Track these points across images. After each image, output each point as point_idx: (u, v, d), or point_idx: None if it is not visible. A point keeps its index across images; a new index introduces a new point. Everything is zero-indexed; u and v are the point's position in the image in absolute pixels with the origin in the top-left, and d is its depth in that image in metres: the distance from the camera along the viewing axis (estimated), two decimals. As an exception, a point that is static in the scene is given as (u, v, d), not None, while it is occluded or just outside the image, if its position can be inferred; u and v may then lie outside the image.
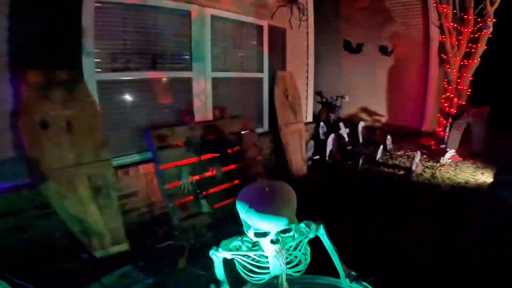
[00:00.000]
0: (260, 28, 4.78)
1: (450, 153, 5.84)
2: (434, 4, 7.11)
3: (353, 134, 6.51)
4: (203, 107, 3.91)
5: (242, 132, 3.98)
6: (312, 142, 5.42)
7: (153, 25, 3.51)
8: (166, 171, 3.15)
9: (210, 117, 3.98)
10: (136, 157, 3.29)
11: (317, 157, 5.57)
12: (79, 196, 2.59)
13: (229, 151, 3.71)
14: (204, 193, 3.31)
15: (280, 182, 1.30)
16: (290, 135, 4.81)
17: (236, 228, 1.45)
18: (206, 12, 3.89)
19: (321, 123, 6.20)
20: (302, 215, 1.36)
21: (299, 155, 4.90)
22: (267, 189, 1.24)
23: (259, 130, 4.68)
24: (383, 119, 8.64)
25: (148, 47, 3.46)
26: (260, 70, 4.81)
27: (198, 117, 3.82)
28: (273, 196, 1.23)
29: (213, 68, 4.02)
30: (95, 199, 2.67)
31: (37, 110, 2.46)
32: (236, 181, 3.72)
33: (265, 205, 1.19)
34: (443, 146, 6.28)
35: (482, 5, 6.81)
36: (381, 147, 5.84)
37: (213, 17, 4.00)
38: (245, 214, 1.21)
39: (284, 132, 4.69)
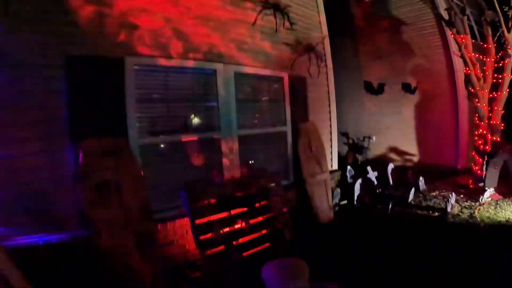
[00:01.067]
0: (280, 79, 5.09)
1: (489, 191, 5.70)
2: (452, 35, 6.94)
3: (382, 176, 6.52)
4: (231, 164, 4.28)
5: (269, 186, 4.27)
6: (338, 190, 5.53)
7: (184, 87, 4.03)
8: (199, 225, 3.49)
9: (238, 174, 4.32)
10: (173, 212, 3.68)
11: (345, 202, 5.66)
12: (126, 246, 2.99)
13: (257, 205, 4.02)
14: (234, 243, 3.62)
15: (295, 259, 1.68)
16: (316, 185, 4.97)
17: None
18: (229, 70, 4.33)
19: (348, 167, 6.29)
20: (326, 264, 1.67)
21: (325, 203, 5.04)
22: (284, 265, 1.65)
23: (285, 182, 4.87)
24: (415, 158, 8.47)
25: (180, 109, 3.98)
26: (283, 123, 5.09)
27: (227, 174, 4.19)
28: (289, 271, 1.62)
29: (239, 126, 4.40)
30: (139, 248, 3.05)
31: (92, 174, 2.93)
32: (264, 231, 3.98)
33: (282, 278, 1.59)
34: (481, 184, 6.12)
35: (499, 32, 6.66)
36: (413, 188, 5.83)
37: (236, 74, 4.41)
38: (267, 283, 1.61)
39: (309, 183, 4.88)
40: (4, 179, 2.79)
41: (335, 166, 6.06)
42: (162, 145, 3.80)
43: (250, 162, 4.56)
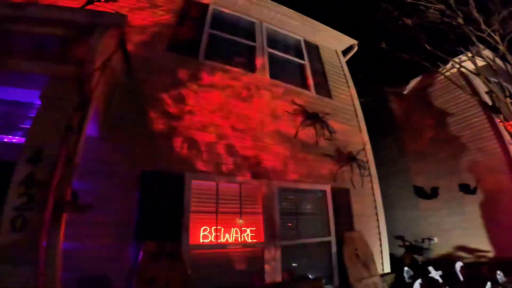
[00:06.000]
0: (323, 192, 5.25)
1: None
2: (500, 123, 6.51)
3: (449, 274, 5.78)
4: (273, 270, 4.37)
5: None
6: (391, 292, 4.98)
7: (232, 200, 4.51)
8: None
9: (279, 279, 4.36)
10: None
11: (402, 301, 5.00)
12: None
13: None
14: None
15: None
16: (364, 288, 4.64)
17: None
18: (273, 185, 4.73)
19: (406, 268, 5.80)
20: None
21: (376, 306, 4.57)
22: None
23: (329, 287, 4.71)
24: (489, 254, 7.34)
25: (228, 220, 4.36)
26: (327, 233, 5.07)
27: (268, 279, 4.27)
28: None
29: (282, 237, 4.58)
30: None
31: (147, 270, 3.43)
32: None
33: None
34: None
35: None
36: (489, 282, 5.09)
37: (279, 189, 4.78)
38: None
39: (356, 286, 4.67)
40: (75, 264, 3.18)
41: (387, 269, 5.63)
42: (209, 249, 4.15)
43: (293, 268, 4.60)
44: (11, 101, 3.53)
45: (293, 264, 4.67)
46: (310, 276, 4.64)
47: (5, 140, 3.56)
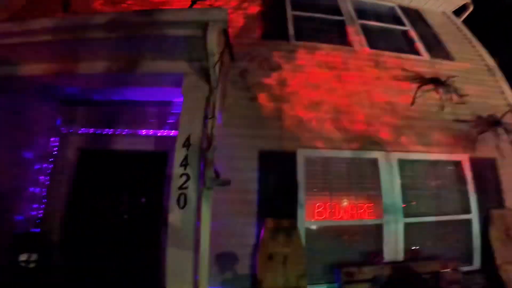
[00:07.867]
0: (457, 163, 4.65)
1: None
2: None
3: None
4: (393, 248, 4.13)
5: (441, 272, 3.89)
6: None
7: (346, 176, 4.41)
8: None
9: (400, 258, 4.10)
10: (324, 287, 3.93)
11: None
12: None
13: (421, 288, 3.59)
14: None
15: None
16: (517, 271, 3.94)
17: None
18: (392, 157, 4.43)
19: None
20: None
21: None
22: None
23: (466, 268, 4.19)
24: None
25: (341, 196, 4.31)
26: (466, 210, 4.49)
27: (387, 257, 4.08)
28: None
29: (405, 213, 4.26)
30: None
31: (268, 247, 3.72)
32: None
33: None
34: None
35: None
36: None
37: (401, 161, 4.43)
38: None
39: (505, 269, 4.06)
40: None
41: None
42: (323, 226, 4.20)
43: (417, 247, 4.29)
44: (158, 101, 4.26)
45: (418, 243, 4.33)
46: (439, 256, 4.23)
47: (158, 134, 4.30)
